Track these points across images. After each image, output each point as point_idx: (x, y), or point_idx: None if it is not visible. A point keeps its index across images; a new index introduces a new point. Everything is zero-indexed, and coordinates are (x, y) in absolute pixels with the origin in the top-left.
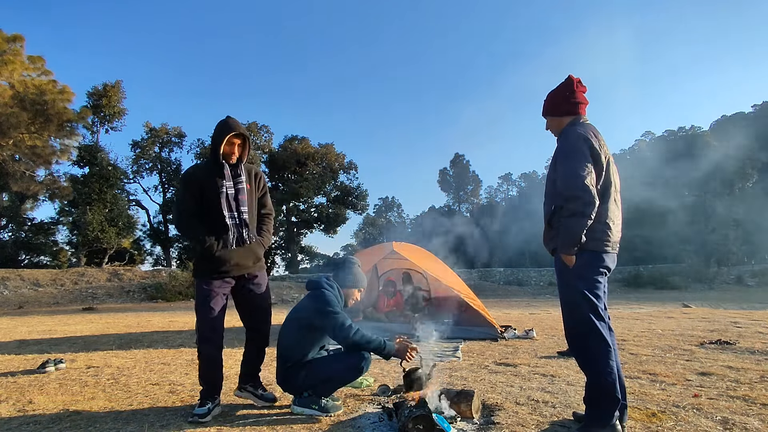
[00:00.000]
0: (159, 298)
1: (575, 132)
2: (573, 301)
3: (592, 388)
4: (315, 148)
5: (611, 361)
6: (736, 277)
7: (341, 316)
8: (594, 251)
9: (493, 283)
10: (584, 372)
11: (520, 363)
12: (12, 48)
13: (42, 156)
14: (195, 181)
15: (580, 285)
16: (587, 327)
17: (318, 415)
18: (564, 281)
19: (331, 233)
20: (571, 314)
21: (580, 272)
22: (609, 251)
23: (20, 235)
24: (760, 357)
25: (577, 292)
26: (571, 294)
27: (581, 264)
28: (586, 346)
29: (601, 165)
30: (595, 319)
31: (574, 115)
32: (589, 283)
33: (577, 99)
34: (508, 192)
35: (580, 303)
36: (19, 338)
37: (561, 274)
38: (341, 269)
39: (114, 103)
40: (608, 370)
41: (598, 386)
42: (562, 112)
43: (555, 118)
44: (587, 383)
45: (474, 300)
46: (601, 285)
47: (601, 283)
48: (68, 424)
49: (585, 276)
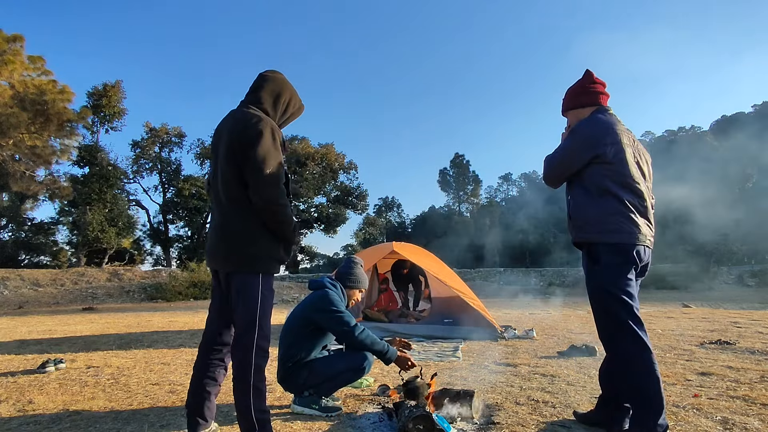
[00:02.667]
0: (159, 298)
1: (592, 119)
2: (604, 303)
3: (636, 394)
4: (315, 148)
5: (653, 365)
6: (736, 277)
7: (346, 316)
8: (617, 243)
9: (493, 283)
10: (623, 377)
11: (520, 363)
12: (12, 48)
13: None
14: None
15: (611, 286)
16: (622, 330)
17: (318, 414)
18: (593, 281)
19: (331, 233)
20: (603, 317)
21: (609, 271)
22: (635, 243)
23: (20, 235)
24: (760, 357)
25: (606, 292)
26: (601, 295)
27: (609, 261)
28: (624, 351)
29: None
30: (631, 320)
31: (594, 106)
32: (620, 282)
33: (596, 89)
34: (508, 192)
35: (613, 305)
36: (19, 338)
37: (590, 274)
38: (344, 269)
39: (114, 103)
40: (650, 373)
41: (641, 391)
42: (583, 103)
43: (575, 110)
44: (628, 386)
45: (474, 300)
46: (632, 282)
47: (632, 280)
48: (68, 424)
49: (614, 274)
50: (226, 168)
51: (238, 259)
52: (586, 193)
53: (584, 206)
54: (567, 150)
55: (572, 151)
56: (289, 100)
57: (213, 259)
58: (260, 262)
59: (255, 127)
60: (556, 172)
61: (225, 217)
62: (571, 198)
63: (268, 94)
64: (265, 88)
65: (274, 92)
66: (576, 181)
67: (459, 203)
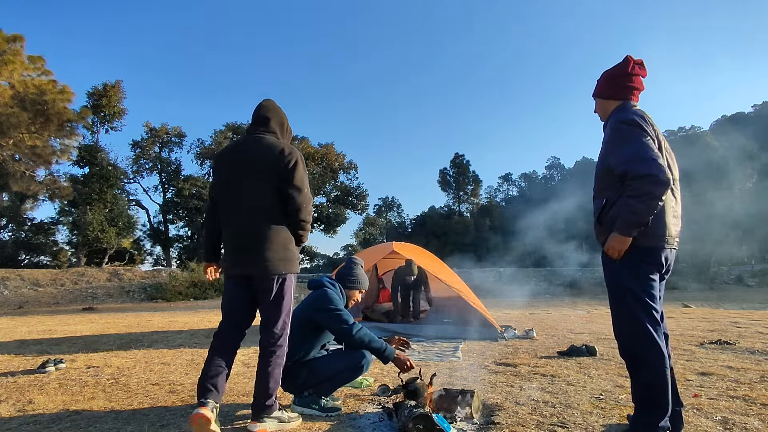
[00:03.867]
0: (159, 298)
1: (625, 116)
2: (622, 300)
3: (642, 394)
4: (315, 148)
5: (664, 368)
6: (736, 277)
7: (344, 314)
8: (646, 247)
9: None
10: (631, 376)
11: (520, 363)
12: (12, 48)
13: (42, 156)
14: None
15: (630, 283)
16: (636, 329)
17: (318, 414)
18: (613, 278)
19: (331, 233)
20: (619, 313)
21: (630, 269)
22: (664, 246)
23: (20, 235)
24: (760, 357)
25: (626, 290)
26: (620, 293)
27: (631, 260)
28: (636, 349)
29: (658, 146)
30: (648, 323)
31: (623, 100)
32: (641, 281)
33: (633, 83)
34: (508, 192)
35: (631, 303)
36: (19, 338)
37: (610, 271)
38: (344, 270)
39: (114, 103)
40: (660, 376)
41: (648, 393)
42: (611, 95)
43: (603, 100)
44: (634, 387)
45: (474, 300)
46: (654, 284)
47: (655, 281)
48: (68, 424)
49: (635, 273)
50: (258, 185)
51: (279, 262)
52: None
53: (613, 206)
54: (637, 139)
55: (641, 136)
56: (288, 125)
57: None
58: (293, 264)
59: (292, 153)
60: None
61: (258, 226)
62: (599, 199)
63: (277, 124)
64: (273, 119)
65: (279, 121)
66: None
67: (459, 203)
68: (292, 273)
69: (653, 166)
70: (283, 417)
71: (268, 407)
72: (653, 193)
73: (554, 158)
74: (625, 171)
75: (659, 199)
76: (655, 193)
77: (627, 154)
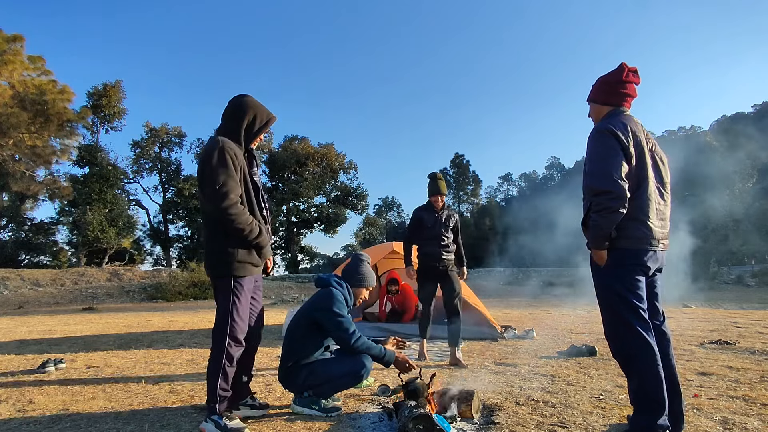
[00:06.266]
0: (159, 298)
1: (603, 125)
2: (609, 302)
3: (637, 394)
4: (315, 148)
5: (656, 366)
6: (736, 277)
7: (346, 321)
8: (627, 249)
9: (493, 283)
10: (627, 376)
11: (520, 363)
12: (12, 48)
13: (42, 156)
14: (238, 160)
15: (616, 285)
16: (625, 329)
17: (318, 414)
18: (599, 281)
19: (331, 233)
20: (608, 315)
21: (614, 271)
22: (647, 248)
23: (20, 235)
24: (760, 357)
25: (612, 293)
26: (607, 295)
27: (614, 263)
28: (627, 350)
29: (630, 156)
30: (635, 321)
31: (615, 107)
32: (625, 282)
33: (626, 90)
34: (508, 192)
35: (618, 305)
36: (19, 338)
37: (596, 274)
38: (350, 266)
39: (114, 103)
40: (652, 374)
41: (643, 392)
42: (604, 101)
43: (596, 105)
44: (630, 387)
45: (474, 300)
46: (640, 284)
47: (640, 281)
48: (68, 424)
49: (619, 275)
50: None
51: (211, 266)
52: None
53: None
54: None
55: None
56: (253, 118)
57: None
58: (226, 267)
59: (205, 149)
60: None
61: (204, 233)
62: (585, 201)
63: (227, 119)
64: (225, 114)
65: (233, 115)
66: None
67: (459, 203)
68: (226, 277)
69: (611, 183)
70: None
71: (210, 408)
72: (611, 207)
73: (554, 158)
74: (589, 185)
75: (617, 213)
76: (612, 207)
77: (593, 170)
